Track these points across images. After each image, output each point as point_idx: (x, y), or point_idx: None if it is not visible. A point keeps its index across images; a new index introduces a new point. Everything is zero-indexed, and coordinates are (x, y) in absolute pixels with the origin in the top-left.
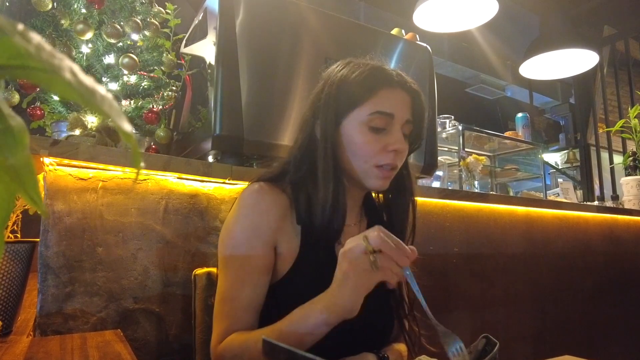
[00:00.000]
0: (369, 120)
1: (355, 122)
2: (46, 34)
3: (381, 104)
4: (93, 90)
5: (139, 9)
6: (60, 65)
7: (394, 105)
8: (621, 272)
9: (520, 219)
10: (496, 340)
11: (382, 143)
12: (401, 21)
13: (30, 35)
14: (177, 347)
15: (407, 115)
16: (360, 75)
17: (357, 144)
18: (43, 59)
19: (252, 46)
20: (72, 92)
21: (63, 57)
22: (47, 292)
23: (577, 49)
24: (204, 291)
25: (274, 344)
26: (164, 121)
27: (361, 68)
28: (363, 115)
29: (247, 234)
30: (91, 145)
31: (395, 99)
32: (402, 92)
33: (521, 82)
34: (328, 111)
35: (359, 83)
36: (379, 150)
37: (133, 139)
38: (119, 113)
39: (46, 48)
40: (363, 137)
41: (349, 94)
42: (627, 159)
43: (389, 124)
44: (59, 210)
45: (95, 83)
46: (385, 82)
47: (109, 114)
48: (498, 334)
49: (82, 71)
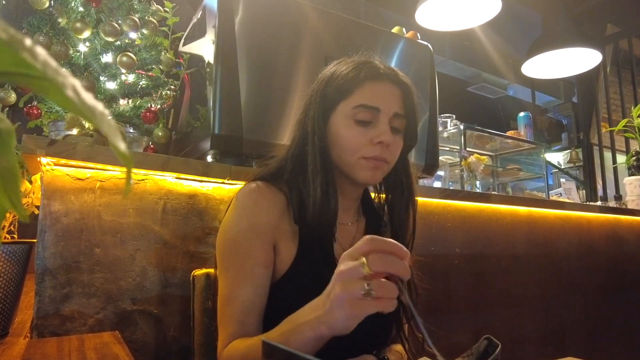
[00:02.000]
0: (354, 114)
1: (341, 116)
2: (43, 33)
3: (366, 97)
4: (93, 109)
5: (137, 7)
6: (64, 82)
7: (380, 98)
8: (624, 273)
9: (523, 220)
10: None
11: (368, 136)
12: (402, 19)
13: (37, 51)
14: (176, 349)
15: (395, 108)
16: (346, 70)
17: (344, 137)
18: (49, 76)
19: (251, 45)
20: (73, 109)
21: (67, 73)
22: (45, 294)
23: (579, 48)
24: (203, 292)
25: (274, 346)
26: (162, 120)
27: (349, 63)
28: (348, 109)
29: (246, 233)
30: (89, 145)
31: (382, 91)
32: (390, 85)
33: (523, 81)
34: (316, 107)
35: (344, 77)
36: (365, 142)
37: (129, 160)
38: (116, 132)
39: (52, 64)
40: (349, 130)
41: (335, 89)
42: (630, 159)
43: (375, 117)
44: (56, 210)
45: (95, 101)
46: (371, 75)
47: (107, 133)
48: (500, 336)
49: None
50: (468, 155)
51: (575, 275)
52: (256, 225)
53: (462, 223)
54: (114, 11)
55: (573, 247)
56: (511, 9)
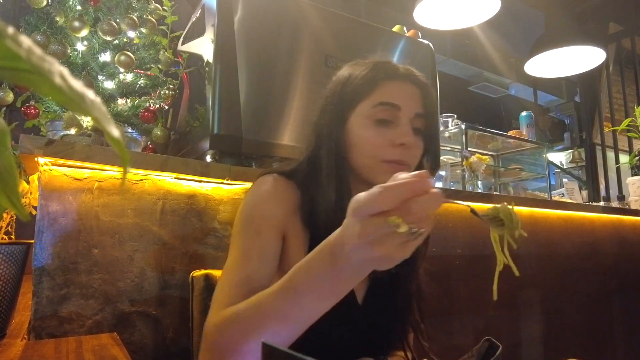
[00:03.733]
0: (373, 113)
1: (360, 117)
2: (41, 31)
3: (385, 94)
4: (82, 95)
5: (135, 6)
6: (50, 69)
7: (400, 96)
8: (627, 274)
9: (525, 220)
10: (499, 344)
11: (389, 137)
12: (403, 18)
13: (21, 39)
14: (175, 351)
15: (416, 108)
16: (364, 70)
17: (363, 139)
18: (33, 62)
19: (251, 43)
20: (62, 96)
21: (53, 61)
22: (42, 295)
23: (582, 46)
24: (202, 293)
25: (274, 347)
26: (161, 120)
27: (366, 64)
28: (367, 109)
29: (261, 215)
30: (87, 144)
31: (402, 90)
32: (409, 84)
33: (525, 80)
34: (333, 109)
35: (363, 77)
36: (386, 144)
37: (122, 145)
38: (108, 118)
39: (36, 52)
40: (368, 131)
41: (353, 89)
42: (633, 159)
43: (396, 117)
44: (54, 211)
45: (85, 88)
46: (390, 74)
47: (98, 119)
48: (501, 337)
49: (73, 73)
50: (469, 155)
51: (577, 276)
52: (271, 210)
53: (463, 224)
54: (112, 10)
55: (575, 248)
56: (512, 7)
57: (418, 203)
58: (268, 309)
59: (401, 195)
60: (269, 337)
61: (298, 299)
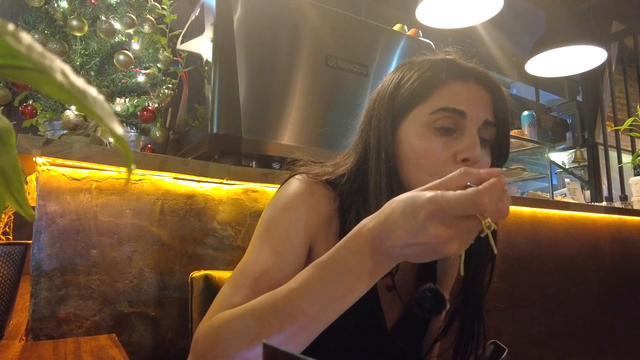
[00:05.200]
0: (433, 121)
1: (415, 124)
2: (39, 31)
3: (448, 99)
4: (84, 92)
5: (134, 5)
6: (51, 66)
7: (466, 100)
8: (630, 274)
9: (526, 220)
10: (505, 347)
11: (451, 150)
12: (403, 17)
13: (21, 36)
14: (174, 352)
15: (485, 115)
16: (420, 69)
17: (418, 150)
18: (34, 59)
19: (250, 42)
20: (64, 94)
21: (54, 57)
22: (40, 296)
23: (584, 46)
24: (201, 294)
25: (275, 349)
26: (159, 120)
27: (423, 62)
28: (424, 115)
29: (290, 219)
30: (85, 144)
31: (468, 94)
32: (477, 87)
33: (527, 79)
34: (382, 115)
35: (419, 78)
36: (446, 159)
37: (125, 143)
38: (111, 115)
39: (37, 48)
40: (425, 141)
41: (408, 92)
42: (636, 158)
43: (460, 125)
44: (52, 211)
45: (87, 84)
46: (453, 73)
47: (101, 116)
48: (504, 339)
49: (73, 71)
50: None
51: (580, 276)
52: (302, 213)
53: None
54: (111, 9)
55: (578, 248)
56: (514, 6)
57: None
58: (283, 307)
59: (498, 198)
60: (282, 340)
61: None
